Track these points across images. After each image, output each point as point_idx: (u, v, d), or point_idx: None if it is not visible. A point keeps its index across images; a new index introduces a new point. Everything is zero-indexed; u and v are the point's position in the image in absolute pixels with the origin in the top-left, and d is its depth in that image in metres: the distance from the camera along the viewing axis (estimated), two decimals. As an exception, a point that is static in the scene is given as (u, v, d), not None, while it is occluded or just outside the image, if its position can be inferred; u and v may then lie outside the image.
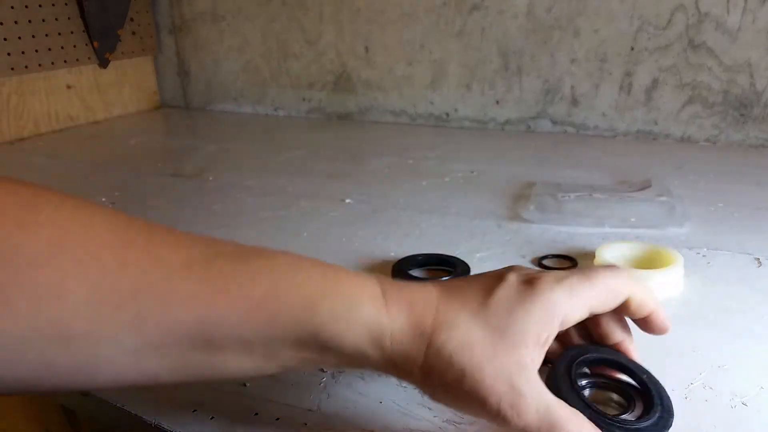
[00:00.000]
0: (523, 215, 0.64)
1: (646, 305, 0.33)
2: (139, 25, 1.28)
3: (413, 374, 0.30)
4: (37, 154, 1.03)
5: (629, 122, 0.93)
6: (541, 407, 0.29)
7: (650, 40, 0.88)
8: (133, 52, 1.29)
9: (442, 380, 0.30)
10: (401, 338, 0.30)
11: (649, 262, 0.50)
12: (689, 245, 0.56)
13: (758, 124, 0.85)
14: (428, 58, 1.06)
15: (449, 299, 0.31)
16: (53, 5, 1.12)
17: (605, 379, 0.36)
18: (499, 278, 0.32)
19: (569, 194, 0.68)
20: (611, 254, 0.51)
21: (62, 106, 1.18)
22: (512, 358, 0.29)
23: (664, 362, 0.38)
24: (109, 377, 0.28)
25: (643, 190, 0.70)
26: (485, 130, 1.04)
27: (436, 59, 1.05)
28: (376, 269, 0.54)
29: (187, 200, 0.76)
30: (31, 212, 0.26)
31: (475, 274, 0.37)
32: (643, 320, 0.34)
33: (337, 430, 0.35)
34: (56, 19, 1.13)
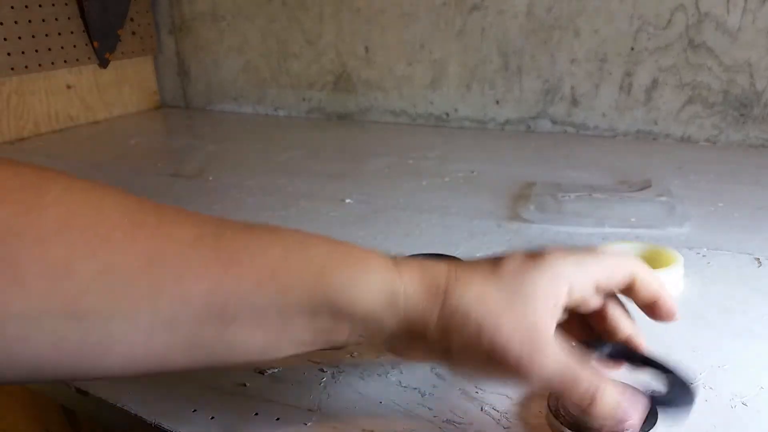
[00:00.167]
0: (523, 215, 0.64)
1: (651, 286, 0.33)
2: (139, 25, 1.28)
3: (429, 335, 0.30)
4: (37, 154, 1.03)
5: (629, 122, 0.93)
6: (560, 361, 0.29)
7: (650, 40, 0.88)
8: (133, 52, 1.29)
9: (459, 337, 0.30)
10: (415, 298, 0.30)
11: (649, 262, 0.50)
12: (689, 245, 0.56)
13: (758, 124, 0.85)
14: (428, 58, 1.06)
15: (459, 267, 0.32)
16: (53, 5, 1.12)
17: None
18: (505, 256, 0.33)
19: (569, 194, 0.68)
20: (611, 254, 0.51)
21: (62, 106, 1.18)
22: (528, 313, 0.30)
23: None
24: (119, 357, 0.27)
25: (643, 190, 0.70)
26: (485, 130, 1.04)
27: (436, 59, 1.05)
28: (376, 269, 0.54)
29: (187, 200, 0.76)
30: (37, 193, 0.26)
31: None
32: (649, 307, 0.34)
33: (337, 430, 0.35)
34: (56, 19, 1.13)
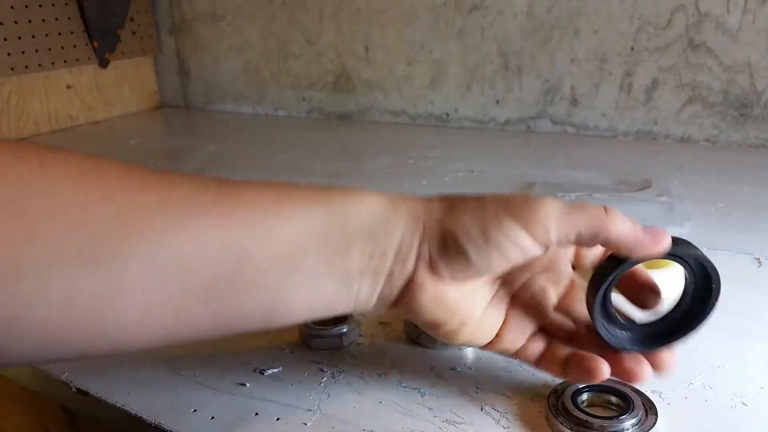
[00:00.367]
0: (523, 215, 0.64)
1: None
2: (139, 25, 1.28)
3: (434, 210, 0.32)
4: (37, 154, 1.03)
5: (629, 122, 0.93)
6: (561, 203, 0.31)
7: (650, 40, 0.88)
8: (133, 52, 1.29)
9: (465, 208, 0.31)
10: (412, 200, 0.32)
11: (649, 262, 0.50)
12: (689, 245, 0.56)
13: (758, 124, 0.85)
14: (428, 58, 1.06)
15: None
16: (53, 5, 1.12)
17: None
18: None
19: (569, 194, 0.68)
20: (611, 254, 0.51)
21: (62, 106, 1.18)
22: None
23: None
24: (136, 310, 0.27)
25: (643, 190, 0.70)
26: (485, 130, 1.04)
27: (436, 59, 1.05)
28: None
29: (187, 200, 0.76)
30: (45, 154, 0.27)
31: None
32: (634, 288, 0.34)
33: (336, 430, 0.35)
34: (56, 19, 1.13)
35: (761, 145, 0.85)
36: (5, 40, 1.05)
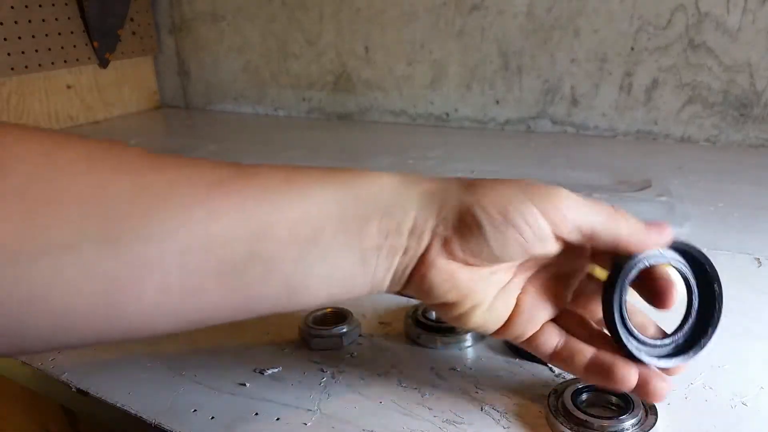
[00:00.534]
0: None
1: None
2: (139, 25, 1.28)
3: (452, 188, 0.31)
4: (37, 154, 1.03)
5: (629, 122, 0.93)
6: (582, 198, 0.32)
7: (650, 40, 0.88)
8: (133, 52, 1.29)
9: (484, 188, 0.31)
10: (426, 179, 0.32)
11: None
12: (689, 245, 0.56)
13: (758, 124, 0.85)
14: (428, 58, 1.06)
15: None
16: (53, 5, 1.12)
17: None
18: None
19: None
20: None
21: (62, 106, 1.18)
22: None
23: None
24: (154, 290, 0.27)
25: (643, 190, 0.70)
26: (485, 130, 1.04)
27: (436, 59, 1.05)
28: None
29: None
30: (57, 137, 0.27)
31: None
32: (652, 290, 0.33)
33: (336, 430, 0.35)
34: (56, 19, 1.13)
35: (761, 145, 0.85)
36: (5, 40, 1.05)
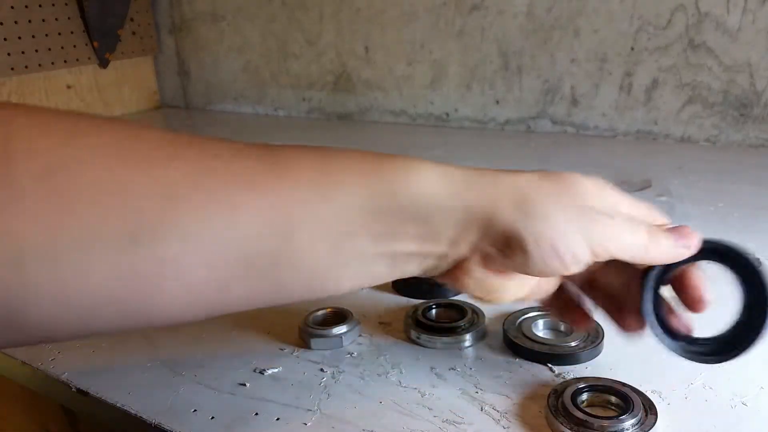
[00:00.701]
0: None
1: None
2: (139, 25, 1.28)
3: (504, 207, 0.30)
4: (37, 154, 1.03)
5: (629, 122, 0.93)
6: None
7: (650, 40, 0.88)
8: (133, 52, 1.29)
9: (536, 214, 0.30)
10: (473, 178, 0.30)
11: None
12: (689, 245, 0.56)
13: (758, 124, 0.85)
14: (428, 58, 1.06)
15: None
16: (53, 5, 1.12)
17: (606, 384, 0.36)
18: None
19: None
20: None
21: (62, 106, 1.18)
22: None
23: (664, 362, 0.37)
24: (179, 286, 0.26)
25: (643, 190, 0.70)
26: (485, 130, 1.04)
27: (436, 59, 1.05)
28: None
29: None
30: (73, 124, 0.26)
31: None
32: (684, 290, 0.34)
33: (336, 430, 0.35)
34: (56, 19, 1.13)
35: (761, 145, 0.85)
36: (5, 40, 1.05)
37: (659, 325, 0.34)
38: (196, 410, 0.37)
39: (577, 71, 0.94)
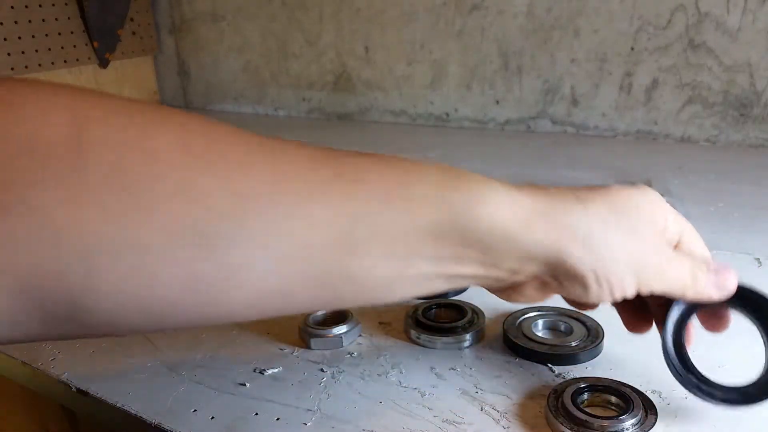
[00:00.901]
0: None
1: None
2: (139, 25, 1.28)
3: (573, 249, 0.30)
4: (37, 154, 1.03)
5: (629, 122, 0.93)
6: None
7: (650, 40, 0.88)
8: (133, 52, 1.29)
9: (601, 251, 0.31)
10: (550, 220, 0.30)
11: None
12: (689, 245, 0.56)
13: (758, 124, 0.85)
14: (428, 58, 1.06)
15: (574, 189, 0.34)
16: (53, 5, 1.12)
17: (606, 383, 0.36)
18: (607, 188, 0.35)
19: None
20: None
21: (62, 106, 1.18)
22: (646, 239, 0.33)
23: (664, 362, 0.37)
24: (248, 292, 0.26)
25: (643, 190, 0.69)
26: (485, 130, 1.04)
27: (436, 59, 1.05)
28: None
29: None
30: (148, 116, 0.25)
31: None
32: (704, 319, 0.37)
33: (336, 430, 0.35)
34: (56, 19, 1.13)
35: (761, 145, 0.85)
36: (5, 40, 1.05)
37: (678, 361, 0.35)
38: (196, 410, 0.37)
39: (577, 71, 0.94)
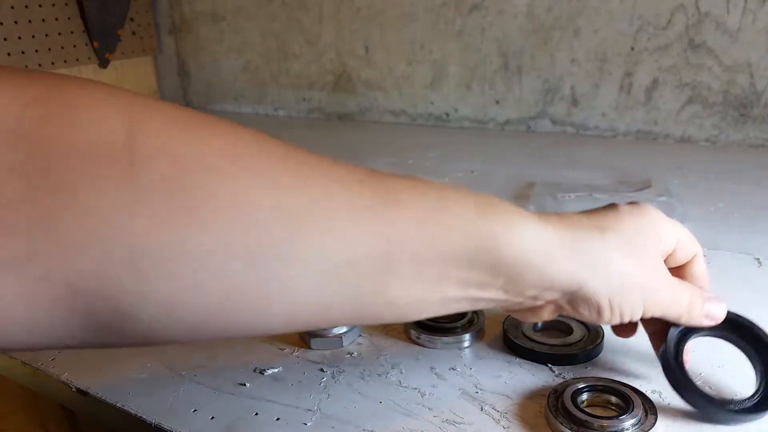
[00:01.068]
0: (523, 215, 0.64)
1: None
2: (139, 25, 1.28)
3: (597, 285, 0.32)
4: (37, 154, 1.03)
5: (629, 122, 0.93)
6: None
7: (650, 40, 0.88)
8: (133, 52, 1.28)
9: (618, 284, 0.33)
10: (576, 256, 0.32)
11: None
12: (689, 245, 0.56)
13: (758, 124, 0.85)
14: (428, 58, 1.06)
15: (589, 216, 0.35)
16: (53, 5, 1.12)
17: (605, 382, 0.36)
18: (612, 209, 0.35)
19: (569, 194, 0.68)
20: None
21: (62, 106, 1.18)
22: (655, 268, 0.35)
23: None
24: (287, 307, 0.26)
25: (643, 190, 0.70)
26: (485, 130, 1.04)
27: (436, 59, 1.05)
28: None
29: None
30: (203, 123, 0.25)
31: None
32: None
33: (336, 430, 0.35)
34: (56, 19, 1.13)
35: (761, 145, 0.85)
36: (5, 40, 1.05)
37: (677, 378, 0.35)
38: (196, 410, 0.37)
39: (577, 71, 0.94)
